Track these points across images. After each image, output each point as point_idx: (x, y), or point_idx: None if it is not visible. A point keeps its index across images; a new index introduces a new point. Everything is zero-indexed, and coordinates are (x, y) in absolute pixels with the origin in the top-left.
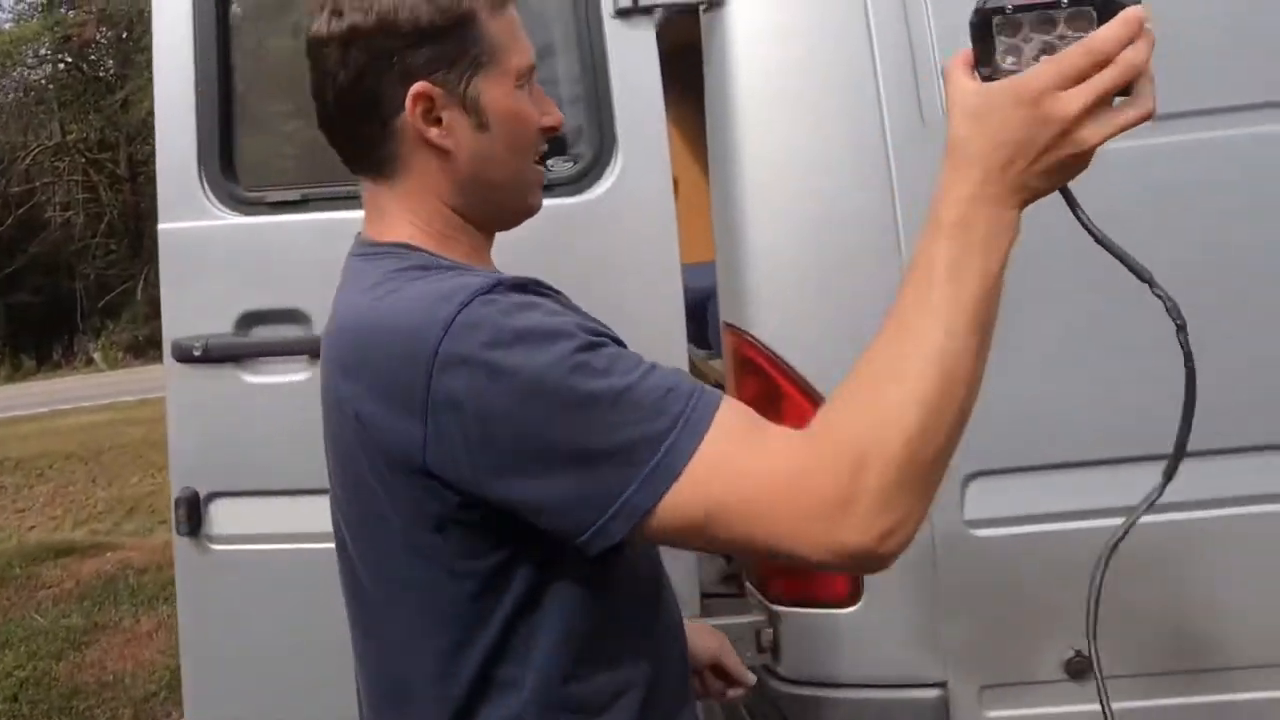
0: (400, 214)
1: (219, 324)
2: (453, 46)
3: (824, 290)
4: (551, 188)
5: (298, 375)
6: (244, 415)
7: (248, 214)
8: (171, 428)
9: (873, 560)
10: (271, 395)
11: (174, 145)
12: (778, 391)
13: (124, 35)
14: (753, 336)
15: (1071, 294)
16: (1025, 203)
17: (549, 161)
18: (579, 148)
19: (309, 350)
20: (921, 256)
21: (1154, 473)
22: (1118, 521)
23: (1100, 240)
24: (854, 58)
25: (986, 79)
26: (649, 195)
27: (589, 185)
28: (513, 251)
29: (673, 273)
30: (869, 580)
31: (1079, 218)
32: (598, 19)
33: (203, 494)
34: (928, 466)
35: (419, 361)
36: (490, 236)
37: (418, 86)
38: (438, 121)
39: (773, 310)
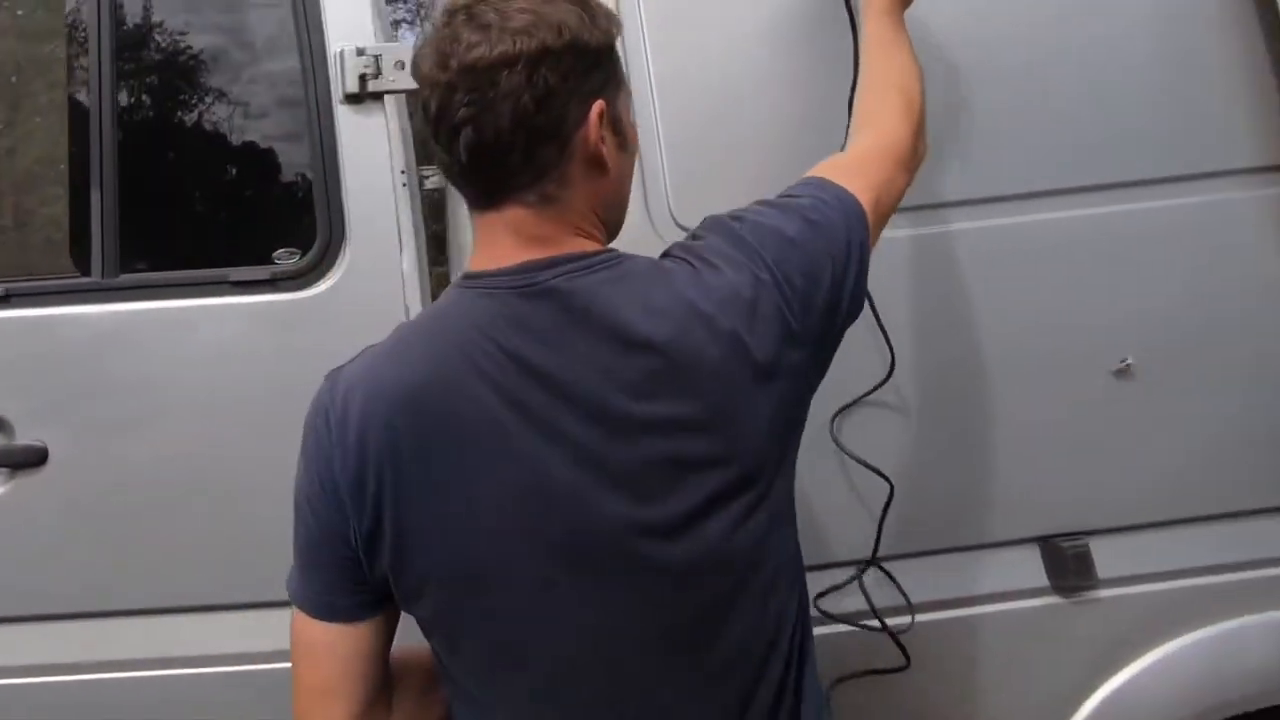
0: (562, 231)
1: None
2: (613, 68)
3: None
4: (276, 282)
5: None
6: None
7: None
8: None
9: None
10: None
11: None
12: None
13: None
14: None
15: None
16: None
17: (276, 253)
18: (307, 240)
19: (14, 461)
20: (875, 29)
21: None
22: None
23: None
24: None
25: None
26: (379, 291)
27: (316, 280)
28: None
29: None
30: None
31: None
32: (328, 103)
33: None
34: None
35: None
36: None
37: (599, 104)
38: (603, 140)
39: None
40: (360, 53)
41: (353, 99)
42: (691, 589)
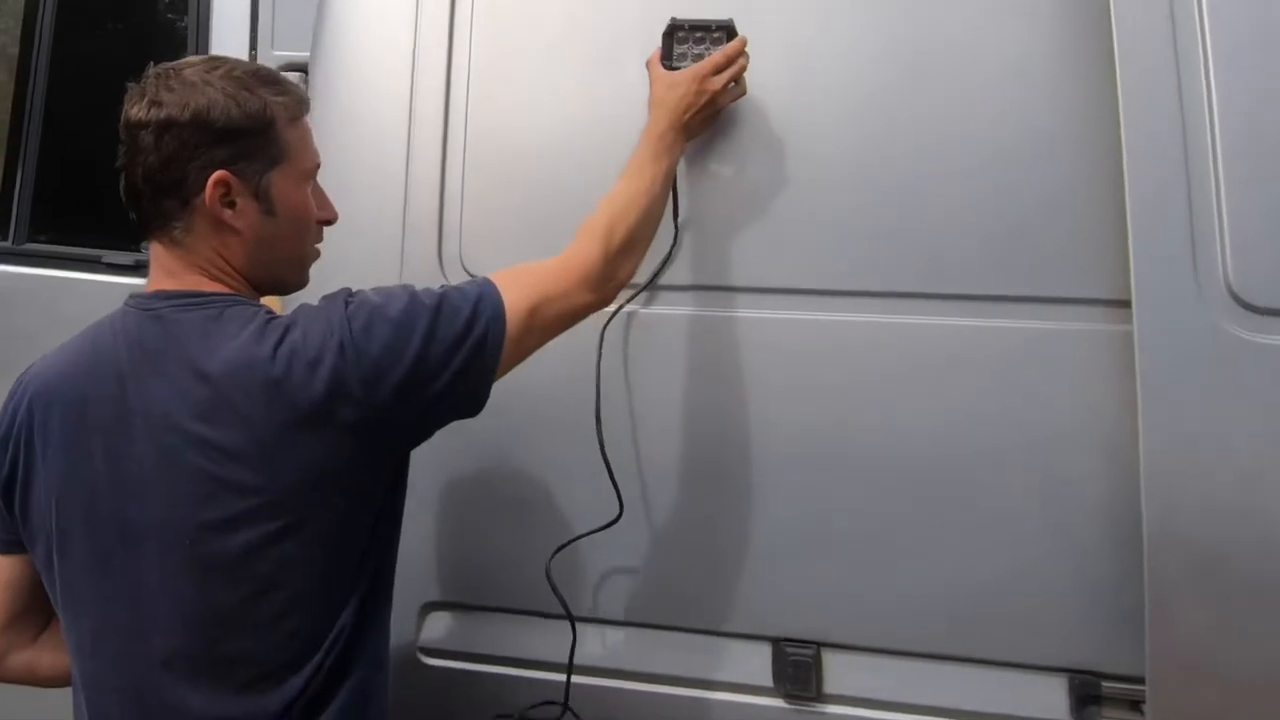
0: (189, 270)
1: None
2: (253, 144)
3: None
4: (139, 268)
5: None
6: None
7: None
8: None
9: (617, 287)
10: None
11: None
12: None
13: None
14: None
15: None
16: (690, 134)
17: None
18: None
19: None
20: (640, 153)
21: None
22: None
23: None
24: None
25: (669, 68)
26: None
27: None
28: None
29: None
30: None
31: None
32: None
33: None
34: (640, 243)
35: None
36: (263, 295)
37: (218, 174)
38: (232, 204)
39: None
40: None
41: None
42: (211, 588)
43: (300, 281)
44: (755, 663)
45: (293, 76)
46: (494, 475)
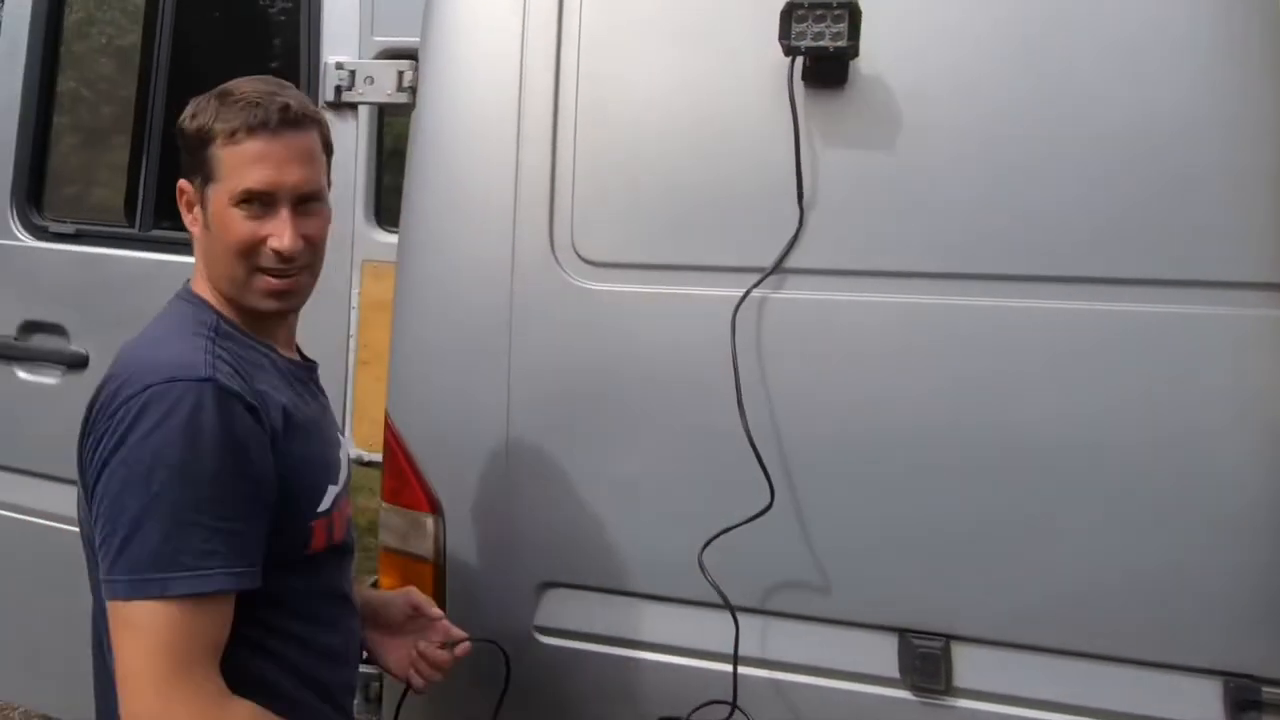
0: (197, 267)
1: (4, 327)
2: (195, 158)
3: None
4: None
5: (53, 379)
6: (11, 405)
7: (39, 239)
8: None
9: None
10: (38, 392)
11: None
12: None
13: None
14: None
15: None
16: None
17: None
18: None
19: (65, 361)
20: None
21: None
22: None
23: None
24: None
25: (787, 49)
26: (336, 264)
27: None
28: None
29: (341, 327)
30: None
31: None
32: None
33: None
34: None
35: None
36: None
37: (180, 181)
38: (190, 210)
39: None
40: (339, 66)
41: (331, 106)
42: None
43: (244, 303)
44: (880, 654)
45: (401, 64)
46: (612, 457)
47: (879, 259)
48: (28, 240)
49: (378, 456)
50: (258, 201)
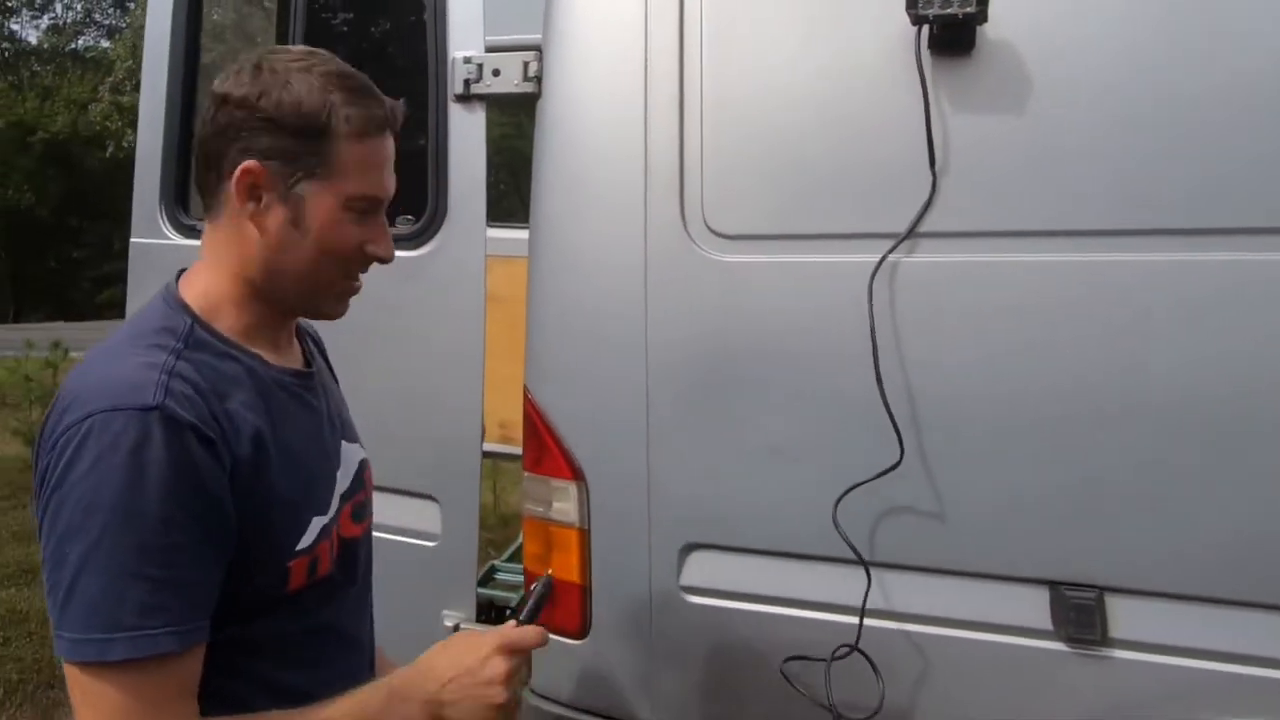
0: (210, 260)
1: None
2: (295, 145)
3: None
4: (396, 240)
5: None
6: None
7: (187, 237)
8: None
9: None
10: None
11: (147, 178)
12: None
13: None
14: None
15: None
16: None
17: (397, 219)
18: (419, 209)
19: None
20: (365, 696)
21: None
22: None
23: None
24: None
25: (915, 17)
26: (466, 254)
27: (424, 241)
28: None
29: (476, 314)
30: (596, 622)
31: None
32: (445, 102)
33: None
34: None
35: None
36: (288, 315)
37: (248, 163)
38: (258, 199)
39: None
40: (467, 60)
41: (461, 99)
42: None
43: (316, 309)
44: (1031, 606)
45: (525, 55)
46: (748, 424)
47: (1015, 219)
48: (177, 239)
49: (495, 446)
50: (369, 207)
